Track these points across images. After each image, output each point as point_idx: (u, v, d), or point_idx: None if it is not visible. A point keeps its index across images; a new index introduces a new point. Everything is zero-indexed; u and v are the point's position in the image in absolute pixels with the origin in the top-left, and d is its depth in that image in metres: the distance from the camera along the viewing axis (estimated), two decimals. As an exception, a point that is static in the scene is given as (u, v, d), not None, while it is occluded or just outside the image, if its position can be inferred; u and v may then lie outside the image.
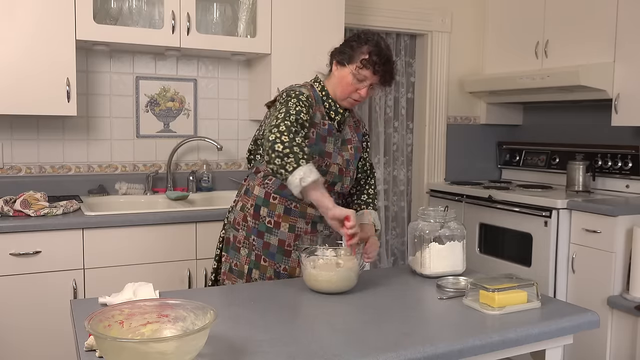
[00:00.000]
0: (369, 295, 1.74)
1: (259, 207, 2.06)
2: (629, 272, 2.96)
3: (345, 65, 2.01)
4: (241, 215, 2.10)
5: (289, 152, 1.76)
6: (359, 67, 1.97)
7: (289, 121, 1.86)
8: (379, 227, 2.18)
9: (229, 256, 2.14)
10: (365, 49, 1.98)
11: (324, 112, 2.05)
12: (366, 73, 1.98)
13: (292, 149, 1.77)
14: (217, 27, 3.27)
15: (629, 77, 3.24)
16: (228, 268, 2.14)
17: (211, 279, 2.24)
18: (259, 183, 2.07)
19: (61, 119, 3.16)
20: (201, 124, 3.51)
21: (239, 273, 2.10)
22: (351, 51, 2.00)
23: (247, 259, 2.08)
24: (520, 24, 3.94)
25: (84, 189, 3.22)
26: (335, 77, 2.05)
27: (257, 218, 2.06)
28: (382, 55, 1.98)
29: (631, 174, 3.50)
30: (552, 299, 1.76)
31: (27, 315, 2.56)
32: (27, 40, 2.72)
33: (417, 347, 1.34)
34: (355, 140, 2.15)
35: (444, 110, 4.21)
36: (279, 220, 2.04)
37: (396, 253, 4.29)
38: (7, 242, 2.51)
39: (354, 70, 1.98)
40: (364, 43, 1.99)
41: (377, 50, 1.98)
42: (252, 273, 2.07)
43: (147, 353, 1.10)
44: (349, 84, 2.00)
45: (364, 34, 2.03)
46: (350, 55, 2.00)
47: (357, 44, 2.00)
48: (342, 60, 2.02)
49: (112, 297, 1.60)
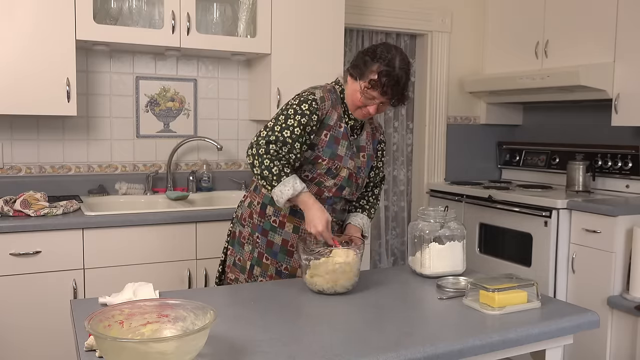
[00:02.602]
0: (369, 295, 1.74)
1: (266, 206, 2.07)
2: (629, 272, 2.96)
3: (356, 80, 1.96)
4: (248, 211, 2.13)
5: (262, 173, 1.87)
6: (366, 86, 1.92)
7: (274, 136, 1.90)
8: (367, 235, 2.16)
9: (234, 250, 2.17)
10: (376, 67, 1.90)
11: (341, 114, 2.03)
12: (374, 93, 1.92)
13: (263, 173, 1.87)
14: (217, 27, 3.27)
15: (629, 77, 3.24)
16: (232, 262, 2.17)
17: (219, 271, 2.25)
18: None
19: (61, 119, 3.16)
20: (201, 124, 3.51)
21: (242, 268, 2.12)
22: (363, 67, 1.94)
23: (250, 255, 2.10)
24: (520, 24, 3.94)
25: (84, 189, 3.22)
26: (348, 86, 2.02)
27: (262, 216, 2.08)
28: (392, 76, 1.89)
29: (631, 174, 3.50)
30: (552, 299, 1.76)
31: (27, 315, 2.56)
32: (27, 40, 2.72)
33: (417, 347, 1.34)
34: (369, 148, 2.13)
35: (444, 110, 4.21)
36: (284, 220, 2.05)
37: (396, 253, 4.29)
38: (7, 242, 2.51)
39: (362, 89, 1.93)
40: (376, 61, 1.91)
41: (387, 71, 1.89)
42: (254, 270, 2.09)
43: (147, 353, 1.10)
44: (358, 99, 1.96)
45: (380, 49, 1.94)
46: (361, 71, 1.94)
47: (370, 60, 1.92)
48: (354, 74, 1.97)
49: (112, 297, 1.60)
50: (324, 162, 1.98)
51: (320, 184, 2.01)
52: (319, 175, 2.00)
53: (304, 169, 2.00)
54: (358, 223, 2.14)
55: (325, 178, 2.00)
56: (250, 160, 1.91)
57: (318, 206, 1.88)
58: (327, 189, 2.02)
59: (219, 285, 2.25)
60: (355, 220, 2.15)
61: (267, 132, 1.92)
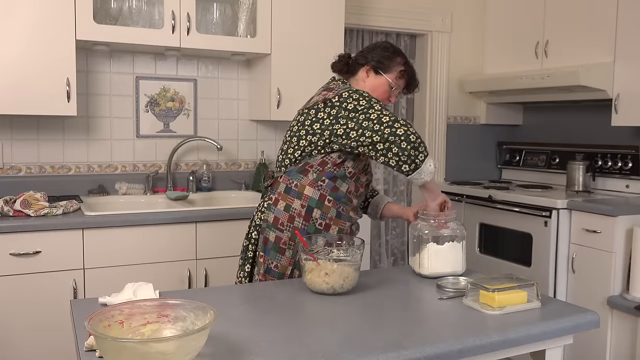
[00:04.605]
0: (369, 295, 1.74)
1: (312, 209, 2.01)
2: (629, 272, 2.96)
3: (382, 74, 2.15)
4: (286, 215, 2.03)
5: (421, 142, 1.90)
6: (398, 76, 2.16)
7: (392, 115, 1.93)
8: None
9: (267, 257, 2.06)
10: (399, 60, 2.17)
11: None
12: (401, 82, 2.18)
13: (420, 138, 1.91)
14: (217, 27, 3.27)
15: (629, 77, 3.24)
16: (265, 269, 2.06)
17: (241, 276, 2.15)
18: (311, 184, 2.02)
19: (61, 119, 3.16)
20: (201, 124, 3.51)
21: (280, 275, 2.04)
22: (389, 62, 2.15)
23: (291, 260, 2.04)
24: (520, 24, 3.94)
25: (84, 189, 3.23)
26: (367, 83, 2.16)
27: (308, 220, 2.01)
28: (411, 65, 2.22)
29: (631, 174, 3.50)
30: (552, 299, 1.76)
31: (27, 315, 2.56)
32: (27, 40, 2.72)
33: (417, 347, 1.34)
34: None
35: (444, 110, 4.21)
36: (330, 223, 2.03)
37: (396, 253, 4.29)
38: (7, 242, 2.51)
39: (392, 80, 2.15)
40: (396, 55, 2.17)
41: (407, 62, 2.20)
42: (294, 274, 2.04)
43: (147, 353, 1.10)
44: (385, 91, 2.16)
45: (388, 45, 2.20)
46: (387, 65, 2.15)
47: (392, 55, 2.16)
48: (378, 69, 2.15)
49: (112, 297, 1.60)
50: (363, 158, 2.07)
51: (357, 180, 2.07)
52: (358, 172, 2.06)
53: (346, 165, 2.03)
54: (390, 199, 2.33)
55: (361, 174, 2.09)
56: (403, 132, 1.87)
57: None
58: (361, 185, 2.10)
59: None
60: (387, 198, 2.33)
61: (387, 120, 1.90)
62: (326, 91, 2.08)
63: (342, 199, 2.03)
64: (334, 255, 1.80)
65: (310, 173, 2.03)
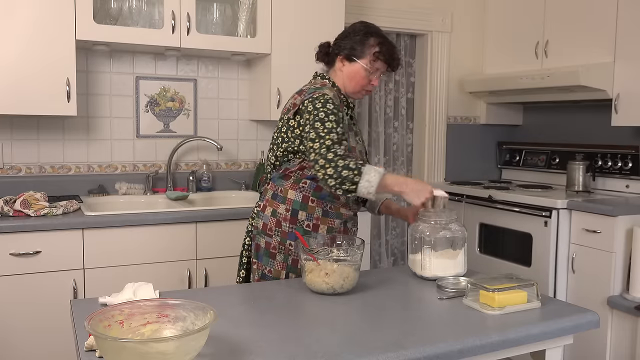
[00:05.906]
0: (369, 296, 1.74)
1: (297, 212, 2.03)
2: (629, 272, 2.96)
3: (356, 61, 2.06)
4: (273, 220, 2.06)
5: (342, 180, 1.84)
6: (372, 60, 2.05)
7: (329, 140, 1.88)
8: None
9: (260, 263, 2.09)
10: (373, 41, 2.05)
11: (344, 106, 2.09)
12: (379, 65, 2.06)
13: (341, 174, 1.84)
14: (217, 27, 3.27)
15: (629, 77, 3.24)
16: (260, 275, 2.09)
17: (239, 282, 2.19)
18: (293, 187, 2.04)
19: (61, 119, 3.16)
20: (201, 124, 3.51)
21: (274, 279, 2.06)
22: (361, 46, 2.05)
23: (283, 264, 2.05)
24: (520, 24, 3.94)
25: (84, 189, 3.23)
26: (344, 72, 2.09)
27: (294, 222, 2.03)
28: (388, 42, 2.07)
29: (631, 174, 3.50)
30: (552, 299, 1.76)
31: (27, 315, 2.56)
32: (27, 40, 2.72)
33: (417, 347, 1.34)
34: (360, 132, 2.22)
35: (444, 110, 4.21)
36: (318, 223, 2.04)
37: (396, 253, 4.29)
38: (7, 242, 2.51)
39: (367, 65, 2.05)
40: (369, 35, 2.06)
41: (383, 40, 2.06)
42: (289, 277, 2.05)
43: (147, 353, 1.10)
44: (363, 77, 2.07)
45: (359, 26, 2.09)
46: (360, 50, 2.05)
47: (364, 37, 2.05)
48: (351, 56, 2.06)
49: (112, 297, 1.60)
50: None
51: None
52: None
53: None
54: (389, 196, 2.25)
55: None
56: (322, 173, 1.86)
57: (410, 179, 1.95)
58: None
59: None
60: (386, 194, 2.25)
61: (320, 143, 1.89)
62: (297, 94, 2.07)
63: (327, 197, 2.03)
64: (334, 255, 1.80)
65: (292, 178, 2.06)
